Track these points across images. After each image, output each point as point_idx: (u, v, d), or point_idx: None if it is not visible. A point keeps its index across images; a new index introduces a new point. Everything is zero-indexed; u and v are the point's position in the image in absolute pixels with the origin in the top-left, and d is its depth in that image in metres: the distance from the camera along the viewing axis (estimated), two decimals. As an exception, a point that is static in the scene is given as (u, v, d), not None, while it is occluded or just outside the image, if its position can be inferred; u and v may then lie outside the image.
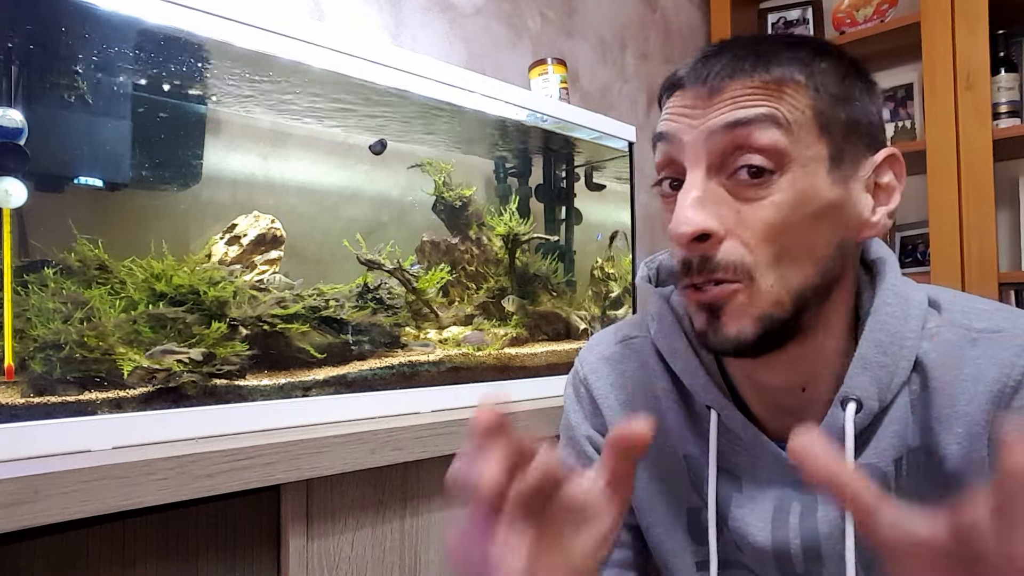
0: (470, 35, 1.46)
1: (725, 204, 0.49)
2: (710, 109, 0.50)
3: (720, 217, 0.49)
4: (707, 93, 0.51)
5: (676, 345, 0.61)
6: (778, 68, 0.50)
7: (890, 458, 0.53)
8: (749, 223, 0.49)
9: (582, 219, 1.34)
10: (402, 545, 0.75)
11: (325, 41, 0.80)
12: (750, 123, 0.48)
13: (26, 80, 0.68)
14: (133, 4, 0.68)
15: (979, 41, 1.59)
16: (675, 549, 0.64)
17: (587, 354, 0.71)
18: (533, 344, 1.06)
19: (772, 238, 0.49)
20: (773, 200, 0.48)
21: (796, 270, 0.50)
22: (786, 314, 0.50)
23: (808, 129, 0.49)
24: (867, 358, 0.52)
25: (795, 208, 0.49)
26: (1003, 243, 1.77)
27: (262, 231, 0.89)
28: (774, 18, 2.16)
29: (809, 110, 0.50)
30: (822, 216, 0.50)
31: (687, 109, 0.52)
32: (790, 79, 0.50)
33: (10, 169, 0.62)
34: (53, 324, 0.63)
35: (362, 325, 0.86)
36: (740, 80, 0.50)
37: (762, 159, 0.48)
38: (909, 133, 1.92)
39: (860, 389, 0.52)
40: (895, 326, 0.53)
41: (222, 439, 0.64)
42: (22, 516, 0.48)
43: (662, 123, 0.54)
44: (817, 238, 0.50)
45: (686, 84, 0.53)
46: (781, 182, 0.49)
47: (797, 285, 0.50)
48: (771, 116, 0.48)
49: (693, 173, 0.50)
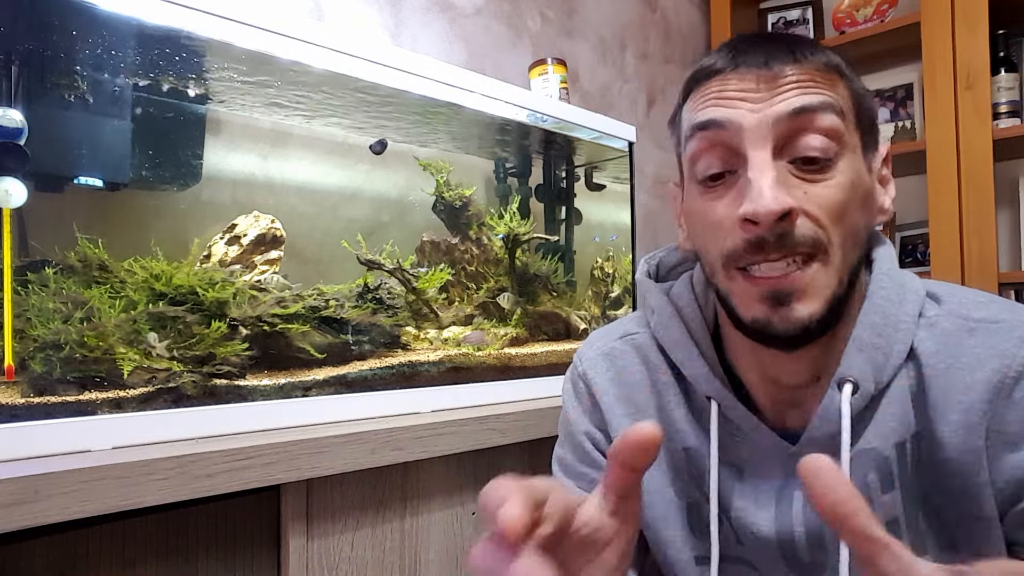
0: (470, 35, 1.46)
1: (794, 184, 0.51)
2: (774, 94, 0.51)
3: (795, 198, 0.50)
4: (769, 78, 0.52)
5: (676, 336, 0.62)
6: (825, 58, 0.52)
7: (891, 443, 0.53)
8: (819, 202, 0.50)
9: (582, 219, 1.34)
10: (402, 545, 0.75)
11: (325, 41, 0.80)
12: (815, 110, 0.50)
13: (26, 80, 0.68)
14: (133, 4, 0.68)
15: (979, 41, 1.59)
16: (674, 544, 0.65)
17: (586, 350, 0.70)
18: (533, 344, 1.06)
19: (839, 216, 0.51)
20: (837, 181, 0.51)
21: (852, 249, 0.52)
22: (843, 292, 0.52)
23: (850, 118, 0.52)
24: (862, 340, 0.53)
25: (852, 189, 0.51)
26: (1003, 243, 1.77)
27: (262, 231, 0.89)
28: (774, 18, 2.16)
29: (850, 100, 0.53)
30: (865, 199, 0.53)
31: (743, 94, 0.52)
32: (837, 70, 0.53)
33: (10, 169, 0.62)
34: (53, 324, 0.63)
35: (362, 325, 0.86)
36: (800, 66, 0.51)
37: (826, 143, 0.50)
38: (909, 133, 1.92)
39: (856, 370, 0.53)
40: (889, 309, 0.54)
41: (222, 439, 0.64)
42: (22, 516, 0.48)
43: (709, 110, 0.53)
44: (861, 220, 0.53)
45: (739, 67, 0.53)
46: (840, 165, 0.51)
47: (851, 263, 0.52)
48: (833, 102, 0.51)
49: (760, 155, 0.51)
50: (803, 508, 0.56)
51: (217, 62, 0.81)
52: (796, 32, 2.12)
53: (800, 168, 0.51)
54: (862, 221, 0.53)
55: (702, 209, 0.55)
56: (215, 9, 0.71)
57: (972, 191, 1.60)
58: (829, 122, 0.50)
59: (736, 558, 0.62)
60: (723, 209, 0.53)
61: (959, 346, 0.53)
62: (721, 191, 0.54)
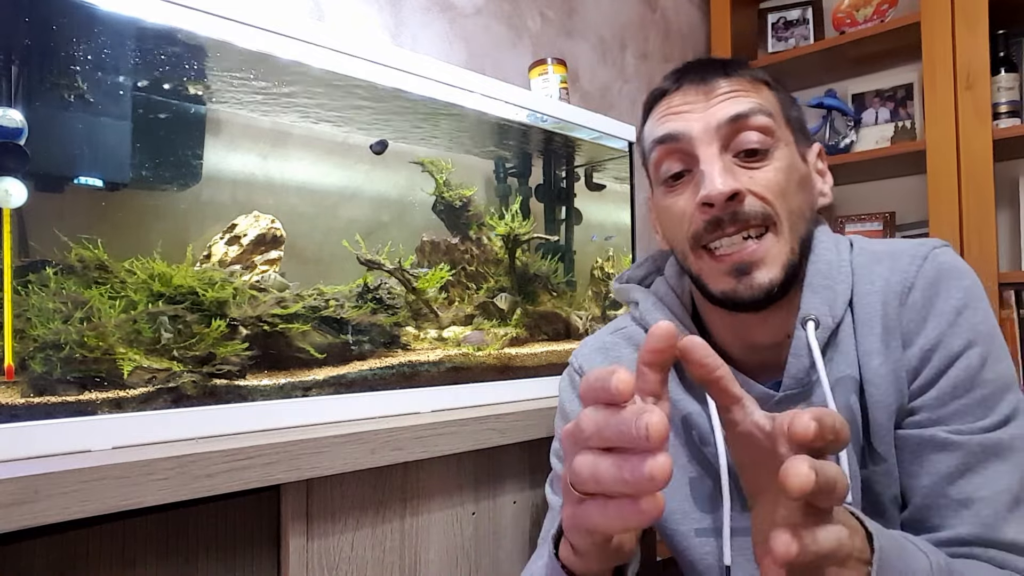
0: (470, 35, 1.46)
1: (739, 172, 0.63)
2: (713, 104, 0.64)
3: (740, 182, 0.61)
4: (706, 90, 0.65)
5: (660, 317, 0.72)
6: (751, 72, 0.67)
7: (855, 366, 0.64)
8: (762, 183, 0.62)
9: (582, 219, 1.34)
10: (402, 545, 0.75)
11: (325, 41, 0.80)
12: (749, 113, 0.63)
13: (26, 80, 0.68)
14: (133, 4, 0.68)
15: (979, 41, 1.59)
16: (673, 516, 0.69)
17: (581, 349, 0.80)
18: (533, 344, 1.06)
19: (781, 193, 0.62)
20: (775, 166, 0.63)
21: (799, 222, 0.64)
22: (796, 259, 0.63)
23: (778, 118, 0.65)
24: (814, 284, 0.65)
25: (789, 172, 0.64)
26: (1003, 243, 1.77)
27: (262, 231, 0.89)
28: (774, 18, 2.16)
29: (777, 104, 0.66)
30: (803, 182, 0.66)
31: (689, 106, 0.65)
32: (761, 80, 0.67)
33: (10, 169, 0.62)
34: (53, 324, 0.63)
35: (362, 325, 0.86)
36: (730, 78, 0.65)
37: (761, 137, 0.63)
38: (909, 133, 1.92)
39: (815, 309, 0.64)
40: (830, 256, 0.66)
41: (222, 439, 0.64)
42: (22, 516, 0.48)
43: (664, 125, 0.66)
44: (803, 199, 0.65)
45: (681, 86, 0.67)
46: (776, 154, 0.64)
47: (801, 234, 0.64)
48: (762, 105, 0.64)
49: (708, 152, 0.63)
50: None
51: (217, 62, 0.81)
52: (797, 32, 2.12)
53: (743, 159, 0.63)
54: (804, 201, 0.65)
55: (668, 205, 0.67)
56: (215, 9, 0.71)
57: (972, 191, 1.60)
58: (762, 121, 0.63)
59: (747, 528, 0.65)
60: (684, 201, 0.65)
61: (872, 273, 0.65)
62: (681, 188, 0.66)
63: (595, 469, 0.37)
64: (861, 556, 0.43)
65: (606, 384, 0.37)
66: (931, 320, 0.61)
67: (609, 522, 0.37)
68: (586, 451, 0.38)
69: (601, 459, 0.37)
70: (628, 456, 0.36)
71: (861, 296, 0.65)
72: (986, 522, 0.56)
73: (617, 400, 0.36)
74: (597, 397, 0.38)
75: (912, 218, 1.94)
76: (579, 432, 0.38)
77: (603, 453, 0.37)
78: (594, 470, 0.37)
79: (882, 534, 0.45)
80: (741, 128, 0.62)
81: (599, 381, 0.38)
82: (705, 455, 0.68)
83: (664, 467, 0.34)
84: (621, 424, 0.36)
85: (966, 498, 0.57)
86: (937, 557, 0.49)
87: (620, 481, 0.36)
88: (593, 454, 0.37)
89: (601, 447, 0.37)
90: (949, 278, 0.62)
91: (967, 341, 0.60)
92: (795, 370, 0.64)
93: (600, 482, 0.37)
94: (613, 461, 0.36)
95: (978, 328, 0.61)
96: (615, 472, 0.36)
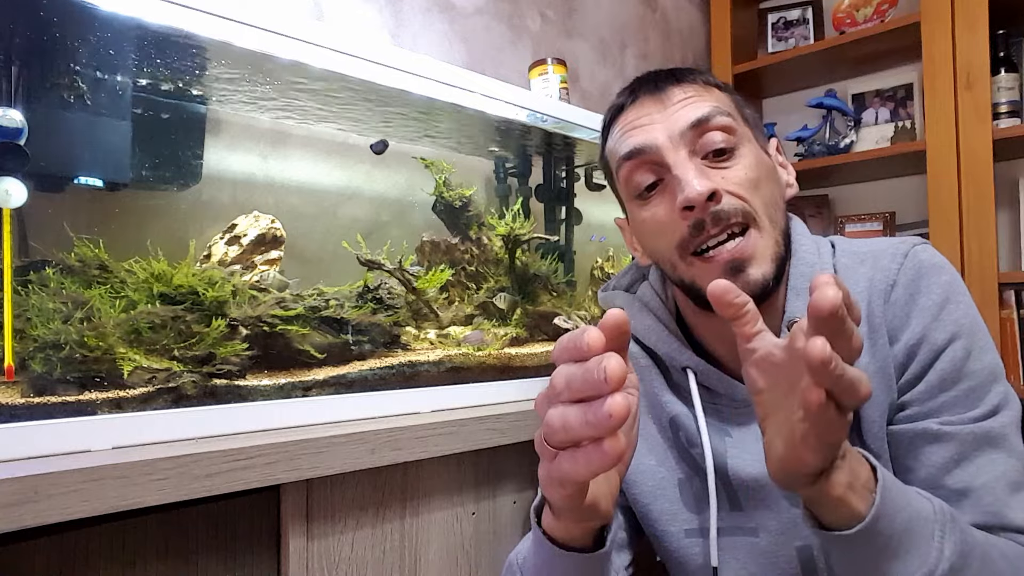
0: (470, 35, 1.46)
1: (711, 173, 0.63)
2: (671, 112, 0.65)
3: (713, 181, 0.62)
4: (659, 101, 0.66)
5: (647, 323, 0.73)
6: (703, 77, 0.68)
7: None
8: (735, 180, 0.63)
9: (582, 219, 1.34)
10: (402, 545, 0.75)
11: (325, 41, 0.80)
12: (709, 116, 0.64)
13: (26, 80, 0.68)
14: (133, 4, 0.68)
15: (979, 41, 1.59)
16: (662, 518, 0.70)
17: None
18: (533, 344, 1.06)
19: (754, 188, 0.63)
20: (743, 163, 0.64)
21: (776, 213, 0.65)
22: (783, 251, 0.64)
23: (735, 116, 0.66)
24: (797, 287, 0.66)
25: (757, 167, 0.64)
26: (1003, 243, 1.77)
27: (262, 231, 0.89)
28: (774, 18, 2.16)
29: (732, 104, 0.67)
30: (772, 176, 0.67)
31: (649, 117, 0.66)
32: (712, 83, 0.68)
33: (10, 169, 0.62)
34: (53, 324, 0.63)
35: (362, 325, 0.86)
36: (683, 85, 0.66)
37: (725, 136, 0.64)
38: (909, 133, 1.92)
39: (798, 311, 0.64)
40: (811, 259, 0.67)
41: (222, 439, 0.64)
42: (22, 516, 0.48)
43: (628, 140, 0.66)
44: (775, 191, 0.66)
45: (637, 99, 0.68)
46: (742, 150, 0.65)
47: (781, 227, 0.65)
48: (720, 106, 0.65)
49: (678, 158, 0.63)
50: None
51: (217, 62, 0.81)
52: (797, 32, 2.12)
53: (711, 161, 0.64)
54: (776, 192, 0.66)
55: (647, 218, 0.67)
56: (215, 9, 0.71)
57: (972, 191, 1.60)
58: (723, 121, 0.64)
59: (734, 528, 0.66)
60: (663, 211, 0.65)
61: (856, 273, 0.66)
62: (657, 199, 0.66)
63: (564, 419, 0.40)
64: (867, 485, 0.48)
65: (578, 342, 0.40)
66: (914, 316, 0.62)
67: (578, 468, 0.40)
68: (557, 404, 0.41)
69: (569, 409, 0.40)
70: (592, 403, 0.39)
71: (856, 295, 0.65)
72: (988, 509, 0.57)
73: (587, 355, 0.40)
74: (570, 356, 0.41)
75: (912, 218, 1.94)
76: (551, 390, 0.42)
77: (572, 404, 0.40)
78: (563, 419, 0.40)
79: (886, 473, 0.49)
80: (704, 131, 0.63)
81: (571, 340, 0.41)
82: (692, 456, 0.69)
83: (620, 404, 0.37)
84: (586, 373, 0.39)
85: (964, 487, 0.58)
86: (941, 504, 0.51)
87: (584, 424, 0.39)
88: (563, 406, 0.41)
89: (571, 400, 0.40)
90: (930, 274, 0.64)
91: (951, 334, 0.61)
92: None
93: (568, 429, 0.40)
94: (579, 408, 0.40)
95: (960, 322, 0.62)
96: (580, 416, 0.39)
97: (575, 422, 0.40)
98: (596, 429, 0.39)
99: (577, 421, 0.39)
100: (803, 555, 0.64)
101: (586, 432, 0.39)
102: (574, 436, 0.40)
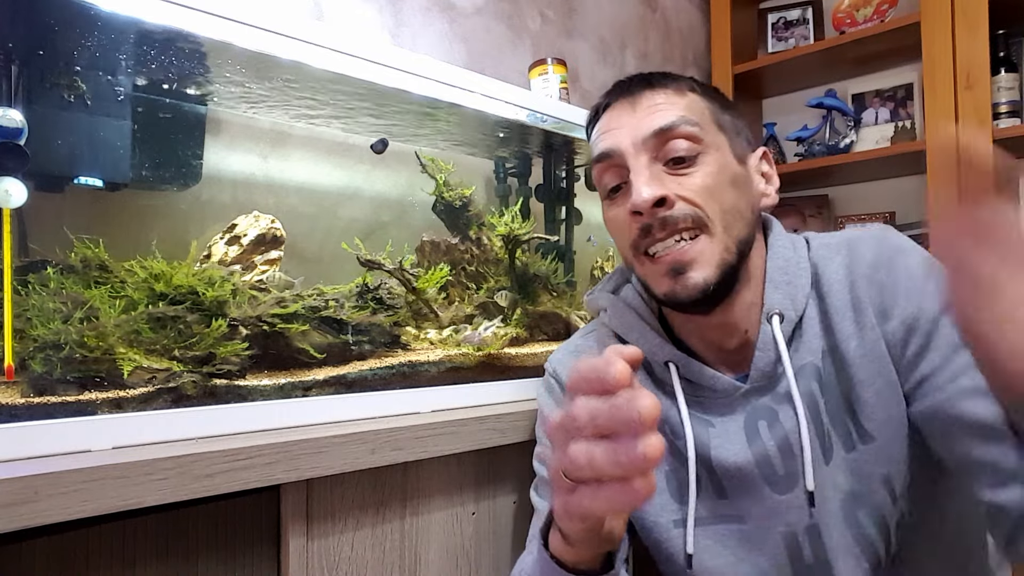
0: (470, 35, 1.46)
1: (668, 179, 0.65)
2: (637, 117, 0.67)
3: (668, 188, 0.64)
4: (631, 106, 0.68)
5: (629, 320, 0.75)
6: (677, 82, 0.69)
7: (818, 355, 0.67)
8: (691, 187, 0.64)
9: (582, 219, 1.34)
10: (402, 545, 0.75)
11: (325, 41, 0.80)
12: (673, 125, 0.65)
13: (26, 80, 0.68)
14: (133, 4, 0.68)
15: (979, 41, 1.59)
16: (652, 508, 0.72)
17: (555, 354, 0.83)
18: (533, 344, 1.06)
19: (711, 195, 0.64)
20: (703, 171, 0.65)
21: (735, 222, 0.66)
22: (734, 259, 0.65)
23: (708, 124, 0.67)
24: (775, 280, 0.68)
25: (719, 175, 0.65)
26: (1003, 243, 1.76)
27: (262, 231, 0.89)
28: (774, 18, 2.16)
29: (707, 111, 0.68)
30: (737, 184, 0.67)
31: (620, 121, 0.68)
32: (691, 89, 0.69)
33: (10, 169, 0.62)
34: (53, 324, 0.63)
35: (362, 325, 0.86)
36: (655, 90, 0.68)
37: (687, 144, 0.65)
38: (909, 133, 1.92)
39: (778, 304, 0.67)
40: (788, 254, 0.69)
41: (222, 439, 0.64)
42: (22, 516, 0.48)
43: (600, 143, 0.69)
44: (739, 199, 0.67)
45: (612, 103, 0.70)
46: (704, 158, 0.66)
47: (737, 234, 0.66)
48: (686, 116, 0.66)
49: (637, 162, 0.65)
50: (769, 429, 0.67)
51: (217, 62, 0.81)
52: (797, 32, 2.12)
53: (672, 167, 0.65)
54: (740, 202, 0.67)
55: (612, 217, 0.70)
56: (215, 9, 0.71)
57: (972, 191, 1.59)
58: (686, 131, 0.65)
59: (721, 516, 0.68)
60: (622, 212, 0.67)
61: (832, 263, 0.68)
62: (620, 199, 0.69)
63: (591, 455, 0.38)
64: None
65: (603, 375, 0.39)
66: (901, 292, 0.63)
67: (602, 505, 0.39)
68: (580, 439, 0.39)
69: (595, 446, 0.38)
70: (621, 439, 0.38)
71: (829, 287, 0.67)
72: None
73: (614, 390, 0.38)
74: (592, 388, 0.40)
75: (912, 218, 1.94)
76: (571, 421, 0.40)
77: (597, 440, 0.39)
78: (590, 456, 0.38)
79: None
80: (667, 138, 0.65)
81: (594, 372, 0.39)
82: (678, 448, 0.70)
83: (657, 446, 0.36)
84: (615, 410, 0.37)
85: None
86: None
87: (615, 464, 0.37)
88: (587, 442, 0.39)
89: (596, 435, 0.39)
90: (905, 253, 0.66)
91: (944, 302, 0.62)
92: (762, 364, 0.67)
93: (596, 467, 0.38)
94: (608, 446, 0.38)
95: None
96: (610, 456, 0.38)
97: (603, 461, 0.38)
98: (627, 469, 0.37)
99: (606, 460, 0.38)
100: (788, 540, 0.65)
101: (615, 471, 0.38)
102: (601, 475, 0.39)
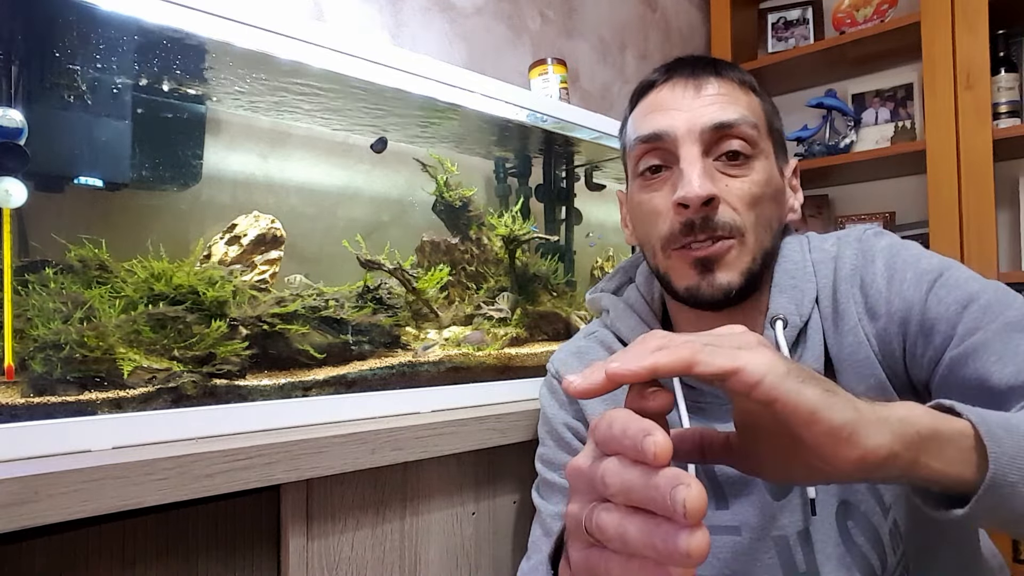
0: (470, 35, 1.46)
1: (717, 178, 0.63)
2: (700, 104, 0.63)
3: (718, 188, 0.62)
4: (695, 89, 0.64)
5: (631, 323, 0.74)
6: (741, 75, 0.66)
7: (820, 361, 0.65)
8: (737, 193, 0.63)
9: (582, 219, 1.34)
10: (402, 545, 0.75)
11: (325, 41, 0.80)
12: (734, 123, 0.62)
13: (26, 80, 0.68)
14: (133, 4, 0.68)
15: (979, 41, 1.59)
16: None
17: (557, 355, 0.82)
18: (533, 344, 1.06)
19: (753, 206, 0.63)
20: (753, 178, 0.63)
21: (765, 234, 0.65)
22: (758, 268, 0.64)
23: (763, 129, 0.66)
24: (781, 284, 0.67)
25: (765, 185, 0.64)
26: (1003, 243, 1.77)
27: (262, 231, 0.89)
28: (774, 18, 2.16)
29: (762, 114, 0.66)
30: (776, 196, 0.66)
31: (676, 102, 0.64)
32: (752, 87, 0.67)
33: (10, 169, 0.62)
34: (53, 324, 0.63)
35: (362, 325, 0.86)
36: (721, 78, 0.65)
37: (743, 146, 0.63)
38: (909, 133, 1.92)
39: (782, 309, 0.65)
40: (796, 259, 0.68)
41: (222, 439, 0.64)
42: (22, 516, 0.48)
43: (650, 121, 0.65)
44: (774, 212, 0.66)
45: (672, 79, 0.66)
46: (755, 164, 0.64)
47: (766, 246, 0.65)
48: (748, 116, 0.63)
49: (690, 153, 0.63)
50: None
51: (217, 62, 0.81)
52: (797, 32, 2.12)
53: (724, 164, 0.63)
54: (774, 214, 0.66)
55: (644, 200, 0.67)
56: (215, 9, 0.71)
57: (972, 191, 1.60)
58: (746, 132, 0.63)
59: (719, 528, 0.66)
60: (660, 199, 0.65)
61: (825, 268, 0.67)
62: (658, 184, 0.66)
63: (622, 530, 0.33)
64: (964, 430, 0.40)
65: (640, 446, 0.32)
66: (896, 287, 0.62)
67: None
68: (610, 506, 0.34)
69: (628, 520, 0.33)
70: (660, 521, 0.32)
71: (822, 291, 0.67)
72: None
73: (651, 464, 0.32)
74: (623, 452, 0.33)
75: (912, 218, 1.94)
76: (598, 481, 0.34)
77: (630, 511, 0.33)
78: (621, 531, 0.33)
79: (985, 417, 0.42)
80: (726, 136, 0.63)
81: (629, 439, 0.33)
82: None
83: (703, 545, 0.30)
84: (653, 491, 0.31)
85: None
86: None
87: (650, 547, 0.32)
88: (619, 512, 0.33)
89: (627, 504, 0.33)
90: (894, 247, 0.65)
91: (937, 272, 0.61)
92: None
93: (628, 544, 0.33)
94: (643, 523, 0.32)
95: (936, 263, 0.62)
96: (645, 538, 0.32)
97: (637, 541, 0.32)
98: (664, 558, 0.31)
99: (640, 542, 0.32)
100: (779, 545, 0.64)
101: (649, 554, 0.32)
102: (633, 552, 0.33)
